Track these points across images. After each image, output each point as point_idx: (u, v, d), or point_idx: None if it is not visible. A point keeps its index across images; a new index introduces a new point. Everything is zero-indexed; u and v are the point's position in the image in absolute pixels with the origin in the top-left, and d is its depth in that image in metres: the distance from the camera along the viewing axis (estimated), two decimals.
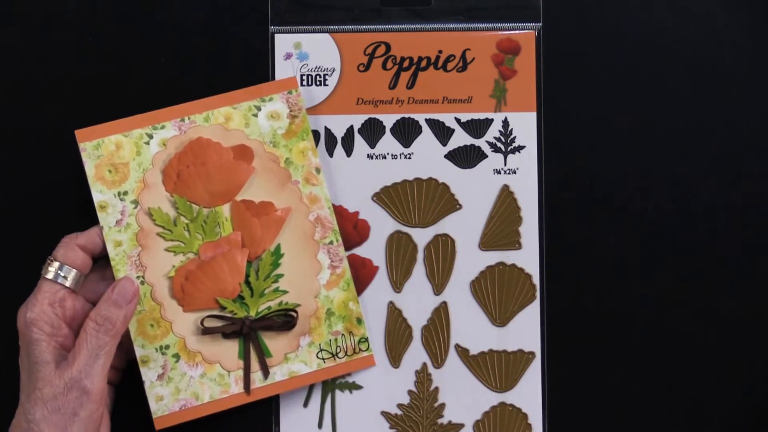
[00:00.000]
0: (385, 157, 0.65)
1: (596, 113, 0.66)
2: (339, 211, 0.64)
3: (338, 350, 0.62)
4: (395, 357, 0.64)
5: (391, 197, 0.65)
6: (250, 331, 0.61)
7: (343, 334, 0.62)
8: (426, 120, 0.65)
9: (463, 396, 0.64)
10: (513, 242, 0.65)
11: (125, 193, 0.61)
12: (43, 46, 0.65)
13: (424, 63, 0.65)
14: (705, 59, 0.66)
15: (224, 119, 0.62)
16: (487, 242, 0.65)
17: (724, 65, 0.66)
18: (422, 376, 0.64)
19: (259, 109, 0.62)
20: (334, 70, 0.65)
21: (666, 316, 0.65)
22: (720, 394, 0.65)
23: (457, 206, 0.65)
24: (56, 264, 0.57)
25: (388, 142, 0.65)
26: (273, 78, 0.64)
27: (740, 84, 0.66)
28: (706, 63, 0.66)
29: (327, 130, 0.64)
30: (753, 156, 0.66)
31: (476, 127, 0.65)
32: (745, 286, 0.65)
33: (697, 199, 0.65)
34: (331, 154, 0.64)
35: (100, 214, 0.60)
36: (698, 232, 0.65)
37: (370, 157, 0.65)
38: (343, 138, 0.65)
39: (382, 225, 0.64)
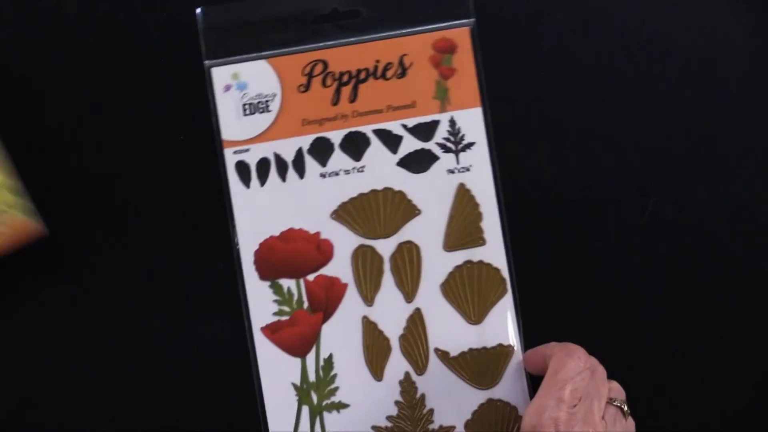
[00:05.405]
0: (338, 174, 0.65)
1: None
2: (300, 233, 0.64)
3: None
4: (377, 370, 0.64)
5: (350, 213, 0.64)
6: None
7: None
8: (373, 131, 0.65)
9: (450, 398, 0.64)
10: (476, 239, 0.65)
11: None
12: (41, 45, 0.64)
13: (363, 75, 0.65)
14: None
15: None
16: (451, 243, 0.65)
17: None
18: (406, 386, 0.64)
19: None
20: (275, 95, 0.64)
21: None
22: (719, 394, 0.65)
23: (416, 212, 0.65)
24: None
25: (339, 159, 0.65)
26: (216, 113, 0.64)
27: (741, 82, 0.66)
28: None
29: (276, 156, 0.64)
30: (753, 154, 0.66)
31: (424, 131, 0.65)
32: (744, 287, 0.65)
33: (694, 199, 0.65)
34: (284, 179, 0.64)
35: None
36: (698, 232, 0.65)
37: (323, 176, 0.65)
38: (293, 161, 0.64)
39: (344, 241, 0.64)
